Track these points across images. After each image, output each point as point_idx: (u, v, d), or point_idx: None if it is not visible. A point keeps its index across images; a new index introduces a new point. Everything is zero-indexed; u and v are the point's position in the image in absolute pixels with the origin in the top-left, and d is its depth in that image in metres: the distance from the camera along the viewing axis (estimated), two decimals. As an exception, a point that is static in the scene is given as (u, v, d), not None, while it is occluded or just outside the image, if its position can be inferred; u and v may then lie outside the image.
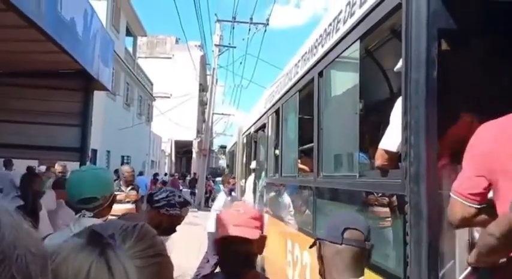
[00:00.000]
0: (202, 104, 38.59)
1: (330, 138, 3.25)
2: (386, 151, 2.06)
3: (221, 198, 6.98)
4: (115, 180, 6.58)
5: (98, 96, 11.81)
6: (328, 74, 3.25)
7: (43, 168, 8.40)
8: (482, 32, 1.86)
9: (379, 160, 2.13)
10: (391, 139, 2.03)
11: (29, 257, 0.49)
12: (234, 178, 7.85)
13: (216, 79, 24.11)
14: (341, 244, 1.45)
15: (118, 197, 5.88)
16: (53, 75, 4.58)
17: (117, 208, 5.66)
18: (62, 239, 1.72)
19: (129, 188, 5.88)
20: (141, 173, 20.85)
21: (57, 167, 7.22)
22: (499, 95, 1.95)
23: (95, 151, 17.56)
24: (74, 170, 2.28)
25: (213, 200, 13.93)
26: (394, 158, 2.04)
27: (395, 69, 2.08)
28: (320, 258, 1.57)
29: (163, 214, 2.27)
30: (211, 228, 6.38)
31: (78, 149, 4.56)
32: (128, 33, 24.05)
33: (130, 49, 25.43)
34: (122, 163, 20.69)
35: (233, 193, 7.65)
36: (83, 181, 2.04)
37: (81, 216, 1.90)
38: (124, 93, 23.41)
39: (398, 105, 2.00)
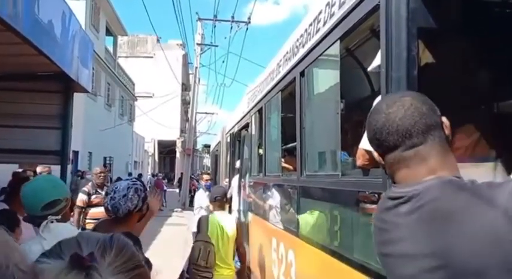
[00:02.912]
0: (185, 103, 38.44)
1: (313, 137, 3.27)
2: (367, 151, 2.08)
3: (200, 194, 6.99)
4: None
5: (78, 97, 11.67)
6: (310, 74, 3.26)
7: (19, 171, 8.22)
8: (461, 31, 1.89)
9: (360, 159, 2.15)
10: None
11: (19, 275, 0.48)
12: (208, 174, 7.98)
13: (199, 79, 24.02)
14: (214, 202, 4.53)
15: (96, 201, 5.82)
16: (32, 78, 4.50)
17: (97, 211, 5.59)
18: (35, 247, 1.71)
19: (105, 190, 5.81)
20: (130, 175, 20.70)
21: (39, 168, 7.08)
22: (478, 93, 1.98)
23: (76, 153, 17.35)
24: (25, 183, 2.31)
25: (198, 200, 13.89)
26: (374, 158, 2.05)
27: (369, 69, 2.10)
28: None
29: (142, 208, 2.37)
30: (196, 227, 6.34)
31: (59, 152, 4.49)
32: (108, 32, 23.77)
33: (110, 48, 25.15)
34: (105, 164, 20.48)
35: (212, 189, 7.67)
36: (42, 187, 2.08)
37: (49, 222, 1.91)
38: (105, 94, 23.16)
39: (375, 101, 2.02)
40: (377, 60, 2.18)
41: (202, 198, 6.88)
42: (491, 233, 0.92)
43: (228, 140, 8.88)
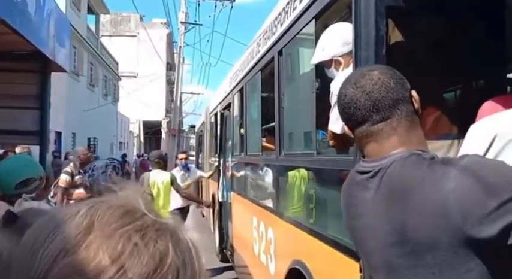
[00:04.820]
0: (170, 83, 38.01)
1: (290, 116, 3.29)
2: (333, 133, 2.11)
3: (175, 173, 6.94)
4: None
5: (60, 77, 11.49)
6: (287, 53, 3.26)
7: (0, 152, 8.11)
8: (429, 10, 1.91)
9: (331, 140, 2.19)
10: (334, 121, 2.08)
11: None
12: (184, 152, 7.94)
13: (183, 58, 23.74)
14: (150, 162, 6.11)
15: (80, 181, 5.79)
16: (8, 57, 4.42)
17: (81, 192, 5.59)
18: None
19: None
20: (124, 156, 20.62)
21: (18, 149, 6.99)
22: (445, 71, 2.01)
23: (59, 134, 17.17)
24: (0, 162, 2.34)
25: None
26: (342, 139, 2.09)
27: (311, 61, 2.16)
28: None
29: None
30: (172, 205, 6.37)
31: (38, 133, 4.46)
32: (90, 11, 23.26)
33: (92, 27, 24.65)
34: (89, 145, 20.33)
35: (191, 168, 7.57)
36: (16, 165, 2.10)
37: (23, 200, 1.93)
38: (88, 74, 22.81)
39: (332, 87, 2.07)
40: (317, 56, 2.23)
41: (177, 177, 6.85)
42: (441, 209, 0.95)
43: (212, 120, 8.86)
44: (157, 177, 5.42)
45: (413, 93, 1.15)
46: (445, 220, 0.95)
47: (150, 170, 5.98)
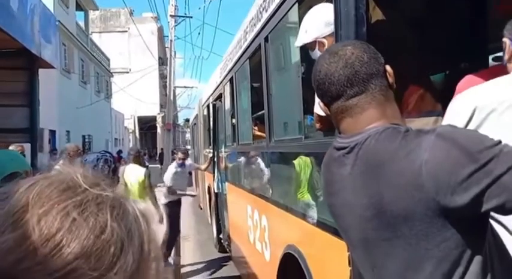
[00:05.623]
0: (163, 78, 37.84)
1: (278, 103, 3.29)
2: (319, 115, 2.11)
3: (171, 170, 6.92)
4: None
5: (51, 74, 11.41)
6: (273, 39, 3.25)
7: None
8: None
9: (317, 123, 2.19)
10: (318, 104, 2.08)
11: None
12: (184, 153, 7.56)
13: (175, 52, 23.64)
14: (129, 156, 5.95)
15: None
16: (-6, 55, 4.37)
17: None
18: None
19: None
20: (120, 152, 20.61)
21: (12, 147, 6.95)
22: (428, 50, 2.01)
23: (53, 132, 17.09)
24: None
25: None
26: (327, 121, 2.09)
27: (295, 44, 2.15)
28: None
29: (113, 179, 2.39)
30: (163, 199, 6.43)
31: (28, 130, 4.43)
32: (78, 7, 23.07)
33: (82, 24, 24.46)
34: (84, 143, 20.29)
35: (187, 164, 7.37)
36: (2, 160, 2.09)
37: None
38: (79, 71, 22.67)
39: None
40: (300, 39, 2.22)
41: (169, 175, 6.82)
42: (415, 180, 0.95)
43: (205, 112, 8.85)
44: (132, 172, 5.42)
45: (387, 67, 1.15)
46: (419, 190, 0.95)
47: (147, 166, 6.02)
